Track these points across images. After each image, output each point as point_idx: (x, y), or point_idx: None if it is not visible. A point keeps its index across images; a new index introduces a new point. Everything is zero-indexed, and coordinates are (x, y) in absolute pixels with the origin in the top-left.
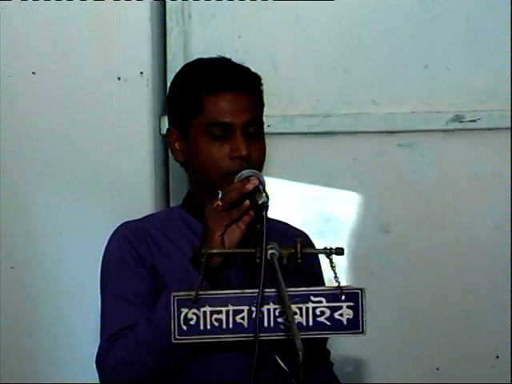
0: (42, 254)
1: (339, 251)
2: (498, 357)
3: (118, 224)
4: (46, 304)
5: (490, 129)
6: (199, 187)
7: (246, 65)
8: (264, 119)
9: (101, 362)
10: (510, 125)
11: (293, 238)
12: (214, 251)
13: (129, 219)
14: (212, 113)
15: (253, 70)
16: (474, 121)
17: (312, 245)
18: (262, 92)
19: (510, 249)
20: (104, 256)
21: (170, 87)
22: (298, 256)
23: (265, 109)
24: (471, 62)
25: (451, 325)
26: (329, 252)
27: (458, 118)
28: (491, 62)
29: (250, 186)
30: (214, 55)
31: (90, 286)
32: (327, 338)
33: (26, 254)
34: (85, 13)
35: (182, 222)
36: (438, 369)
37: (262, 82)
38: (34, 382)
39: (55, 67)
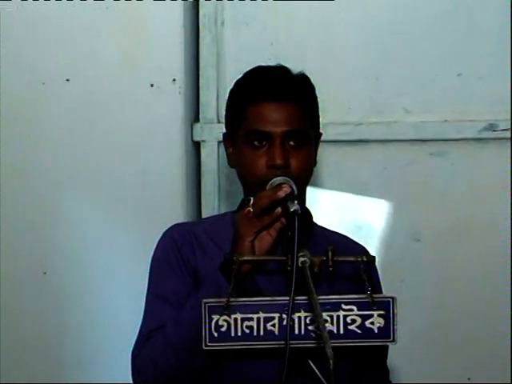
0: (74, 260)
1: (370, 259)
2: None
3: (149, 231)
4: (77, 308)
5: None
6: (246, 193)
7: None
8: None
9: (133, 358)
10: None
11: (349, 251)
12: (245, 258)
13: (160, 227)
14: (252, 121)
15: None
16: (507, 130)
17: (373, 260)
18: (312, 103)
19: None
20: (152, 255)
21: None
22: (329, 264)
23: None
24: (504, 70)
25: (483, 334)
26: (360, 260)
27: (492, 127)
28: None
29: (281, 194)
30: (247, 62)
31: (121, 290)
32: (386, 356)
33: (57, 259)
34: (118, 20)
35: (231, 226)
36: (469, 379)
37: None
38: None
39: (88, 74)
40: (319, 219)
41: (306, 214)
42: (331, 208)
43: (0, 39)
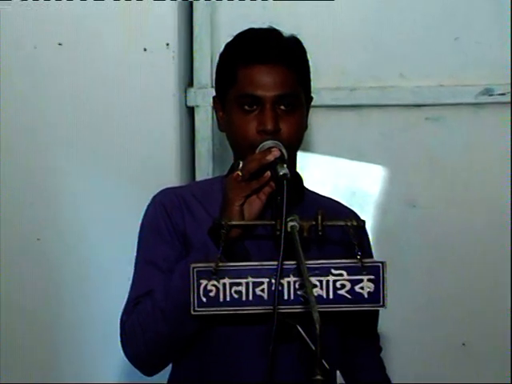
0: (68, 226)
1: (360, 223)
2: None
3: (143, 197)
4: (71, 275)
5: None
6: (236, 157)
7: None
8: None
9: (122, 324)
10: None
11: (340, 216)
12: (234, 223)
13: (153, 192)
14: (243, 85)
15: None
16: (503, 94)
17: (363, 224)
18: (303, 66)
19: None
20: (142, 220)
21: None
22: (318, 228)
23: None
24: (501, 35)
25: (478, 300)
26: (349, 224)
27: (488, 92)
28: None
29: (270, 157)
30: (240, 26)
31: (115, 257)
32: (377, 322)
33: (51, 225)
34: None
35: (221, 191)
36: (464, 344)
37: None
38: (56, 355)
39: (81, 38)
40: (314, 185)
41: (297, 179)
42: (326, 174)
43: None
